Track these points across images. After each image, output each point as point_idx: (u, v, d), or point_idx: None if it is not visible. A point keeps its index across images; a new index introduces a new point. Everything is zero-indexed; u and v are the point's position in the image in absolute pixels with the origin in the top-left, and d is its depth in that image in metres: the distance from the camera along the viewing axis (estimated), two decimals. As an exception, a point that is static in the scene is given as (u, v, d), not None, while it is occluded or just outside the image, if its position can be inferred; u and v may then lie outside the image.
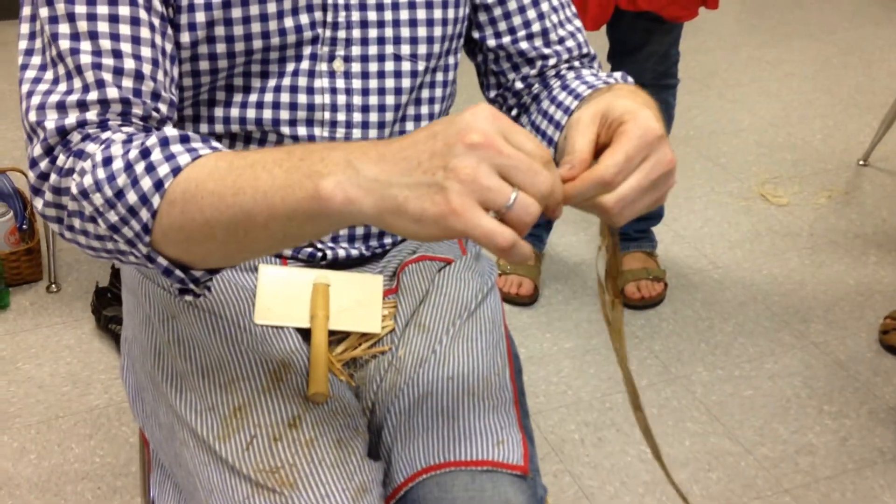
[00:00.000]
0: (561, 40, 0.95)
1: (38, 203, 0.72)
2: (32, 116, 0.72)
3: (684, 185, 2.53)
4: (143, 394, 0.93)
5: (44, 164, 0.71)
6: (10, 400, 1.73)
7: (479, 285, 0.97)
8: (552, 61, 0.94)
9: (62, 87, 0.72)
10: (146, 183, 0.66)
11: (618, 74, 0.90)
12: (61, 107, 0.71)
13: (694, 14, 1.78)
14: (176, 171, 0.65)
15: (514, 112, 0.98)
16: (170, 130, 0.68)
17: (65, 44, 0.73)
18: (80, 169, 0.68)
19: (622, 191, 0.64)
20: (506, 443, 0.81)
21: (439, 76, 0.94)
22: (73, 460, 1.60)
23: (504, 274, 2.04)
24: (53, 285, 2.05)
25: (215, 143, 0.69)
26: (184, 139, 0.68)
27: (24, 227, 2.10)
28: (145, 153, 0.66)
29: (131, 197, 0.66)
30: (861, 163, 2.65)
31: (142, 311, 0.94)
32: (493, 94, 0.99)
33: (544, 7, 0.94)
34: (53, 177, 0.70)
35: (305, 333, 0.90)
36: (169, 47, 0.78)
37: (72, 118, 0.71)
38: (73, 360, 1.84)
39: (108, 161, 0.67)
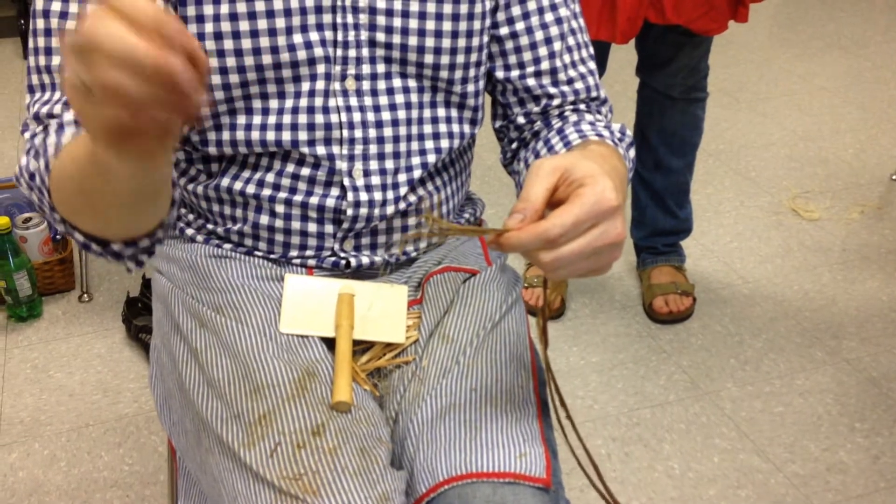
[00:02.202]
0: (570, 81, 0.95)
1: (18, 182, 0.80)
2: (23, 126, 0.81)
3: (714, 199, 2.51)
4: (171, 401, 0.94)
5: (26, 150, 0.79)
6: (41, 408, 1.76)
7: (504, 297, 0.97)
8: (556, 101, 0.95)
9: (48, 95, 0.79)
10: (42, 162, 0.73)
11: (616, 127, 0.92)
12: (37, 117, 0.79)
13: (724, 27, 1.78)
14: (58, 149, 0.71)
15: (514, 145, 0.99)
16: (69, 115, 0.75)
17: (56, 59, 0.79)
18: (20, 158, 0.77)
19: (561, 252, 0.65)
20: (528, 455, 0.80)
21: (454, 98, 0.94)
22: (103, 468, 1.62)
23: (531, 287, 2.04)
24: (85, 295, 2.08)
25: None
26: (66, 124, 0.74)
27: (58, 237, 2.13)
28: (45, 138, 0.73)
29: (36, 178, 0.74)
30: (894, 177, 2.61)
31: (170, 319, 0.95)
32: (498, 124, 1.00)
33: (556, 46, 0.94)
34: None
35: (330, 343, 0.90)
36: None
37: (45, 108, 0.78)
38: (103, 368, 1.87)
39: (28, 151, 0.76)
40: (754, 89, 3.20)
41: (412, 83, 0.91)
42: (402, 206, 0.94)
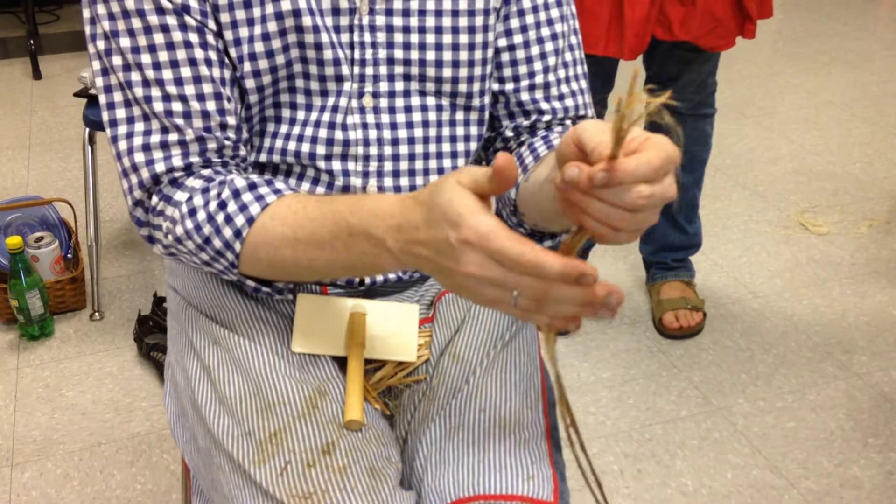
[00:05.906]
0: (561, 97, 0.95)
1: (135, 221, 0.87)
2: (126, 161, 0.84)
3: (722, 214, 2.51)
4: (184, 419, 0.94)
5: (138, 195, 0.84)
6: (54, 427, 1.76)
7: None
8: (546, 117, 0.95)
9: (140, 127, 0.83)
10: (227, 232, 0.80)
11: None
12: (146, 148, 0.82)
13: (731, 44, 1.78)
14: (250, 221, 0.79)
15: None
16: (238, 181, 0.80)
17: (139, 91, 0.82)
18: (171, 217, 0.82)
19: (654, 188, 0.62)
20: (536, 478, 0.80)
21: (473, 115, 0.95)
22: (115, 487, 1.63)
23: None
24: (97, 313, 2.09)
25: (278, 185, 0.82)
26: (251, 187, 0.81)
27: (69, 256, 2.14)
28: (222, 205, 0.80)
29: (216, 244, 0.81)
30: (904, 191, 2.61)
31: (184, 336, 0.96)
32: (488, 134, 1.00)
33: (551, 61, 0.94)
34: (144, 213, 0.85)
35: (342, 361, 0.91)
36: (228, 73, 0.85)
37: (161, 165, 0.83)
38: (115, 387, 1.87)
39: (192, 212, 0.81)
40: (760, 104, 3.21)
41: (431, 101, 0.92)
42: None
